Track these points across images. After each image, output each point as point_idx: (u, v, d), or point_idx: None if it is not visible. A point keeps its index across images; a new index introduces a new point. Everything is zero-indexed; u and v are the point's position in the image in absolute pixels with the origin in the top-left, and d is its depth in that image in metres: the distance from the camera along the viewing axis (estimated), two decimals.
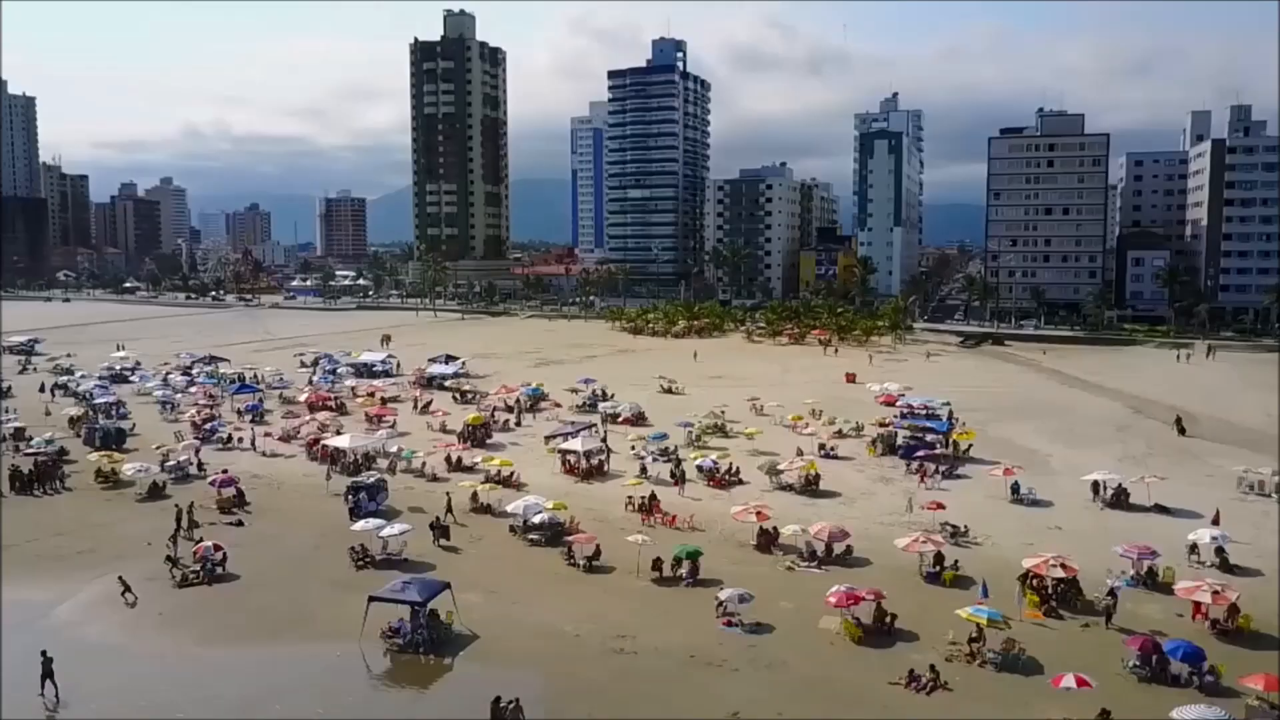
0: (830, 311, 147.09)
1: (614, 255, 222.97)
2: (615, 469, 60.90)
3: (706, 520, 50.50)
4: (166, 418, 78.56)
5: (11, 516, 52.44)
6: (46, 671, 31.76)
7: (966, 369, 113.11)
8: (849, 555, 44.91)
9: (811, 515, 51.23)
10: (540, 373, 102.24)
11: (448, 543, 46.85)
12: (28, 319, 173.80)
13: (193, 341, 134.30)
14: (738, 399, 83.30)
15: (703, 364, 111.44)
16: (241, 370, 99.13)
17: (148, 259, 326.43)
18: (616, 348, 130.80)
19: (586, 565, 43.73)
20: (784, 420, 75.13)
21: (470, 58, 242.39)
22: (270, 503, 54.89)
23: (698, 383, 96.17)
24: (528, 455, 64.97)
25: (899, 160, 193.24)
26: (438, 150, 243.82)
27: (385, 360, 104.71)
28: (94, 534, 49.36)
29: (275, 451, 66.51)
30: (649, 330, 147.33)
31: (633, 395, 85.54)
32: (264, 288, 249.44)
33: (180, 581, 41.97)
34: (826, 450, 65.32)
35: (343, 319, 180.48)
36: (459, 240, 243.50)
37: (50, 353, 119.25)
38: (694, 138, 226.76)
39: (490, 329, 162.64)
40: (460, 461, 61.42)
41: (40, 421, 76.48)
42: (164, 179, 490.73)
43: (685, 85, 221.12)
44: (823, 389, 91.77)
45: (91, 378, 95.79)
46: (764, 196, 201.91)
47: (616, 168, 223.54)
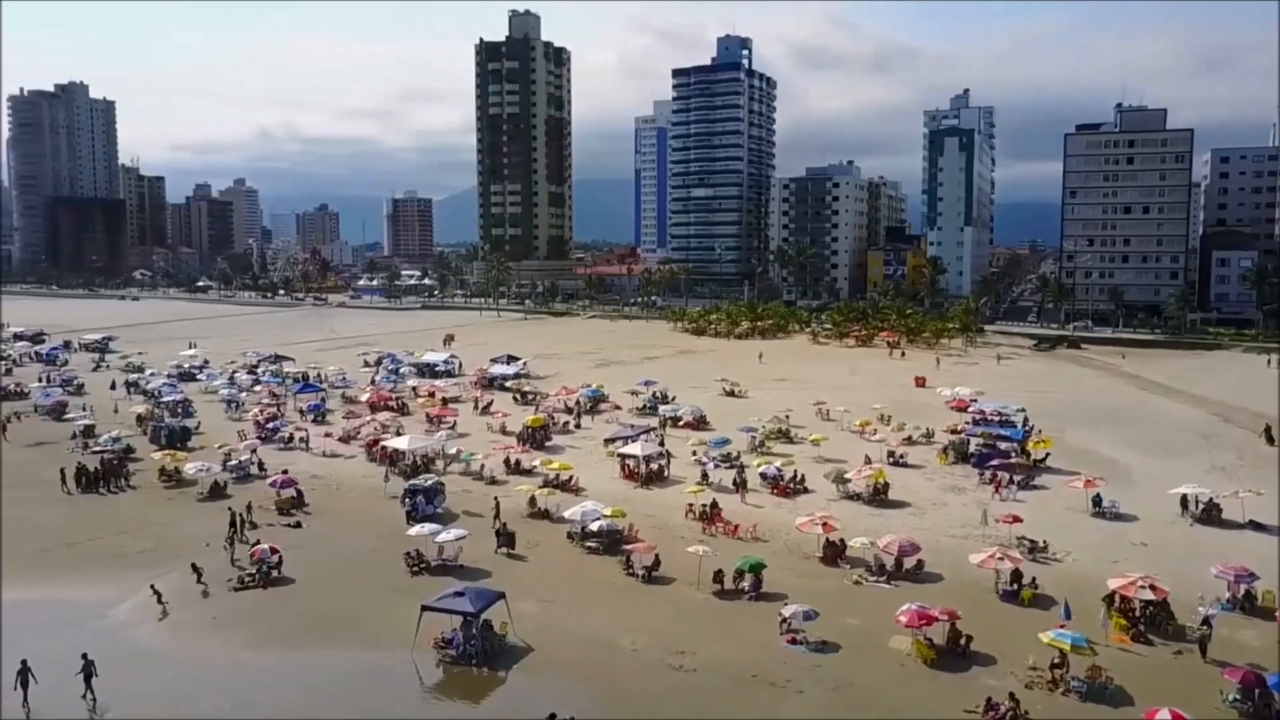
0: (899, 313, 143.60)
1: (676, 255, 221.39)
2: (675, 474, 59.48)
3: (770, 530, 48.84)
4: (231, 416, 79.29)
5: (76, 514, 53.01)
6: (87, 674, 31.47)
7: (1040, 373, 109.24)
8: (920, 570, 42.86)
9: (879, 526, 49.27)
10: (600, 374, 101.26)
11: (513, 550, 45.79)
12: (103, 317, 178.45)
13: (260, 340, 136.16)
14: (803, 403, 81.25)
15: (767, 366, 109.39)
16: (305, 369, 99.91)
17: (220, 258, 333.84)
18: (678, 349, 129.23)
19: (645, 575, 42.41)
20: (851, 426, 72.96)
21: (535, 58, 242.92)
22: (328, 504, 54.61)
23: (761, 385, 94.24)
24: (587, 459, 63.89)
25: (970, 158, 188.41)
26: (502, 150, 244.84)
27: (448, 360, 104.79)
28: (155, 533, 49.49)
29: (335, 452, 66.45)
30: (711, 331, 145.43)
31: (694, 398, 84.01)
32: (331, 287, 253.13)
33: (237, 584, 41.67)
34: (895, 458, 63.09)
35: (407, 318, 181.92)
36: (522, 240, 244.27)
37: (123, 350, 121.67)
38: (759, 136, 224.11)
39: (552, 329, 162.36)
40: (519, 464, 60.59)
41: (109, 419, 77.89)
42: (237, 180, 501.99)
43: (750, 83, 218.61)
44: (891, 393, 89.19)
45: (160, 376, 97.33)
46: (830, 195, 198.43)
47: (680, 166, 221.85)
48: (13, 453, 68.52)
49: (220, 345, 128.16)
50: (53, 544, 47.62)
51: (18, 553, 46.29)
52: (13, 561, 45.02)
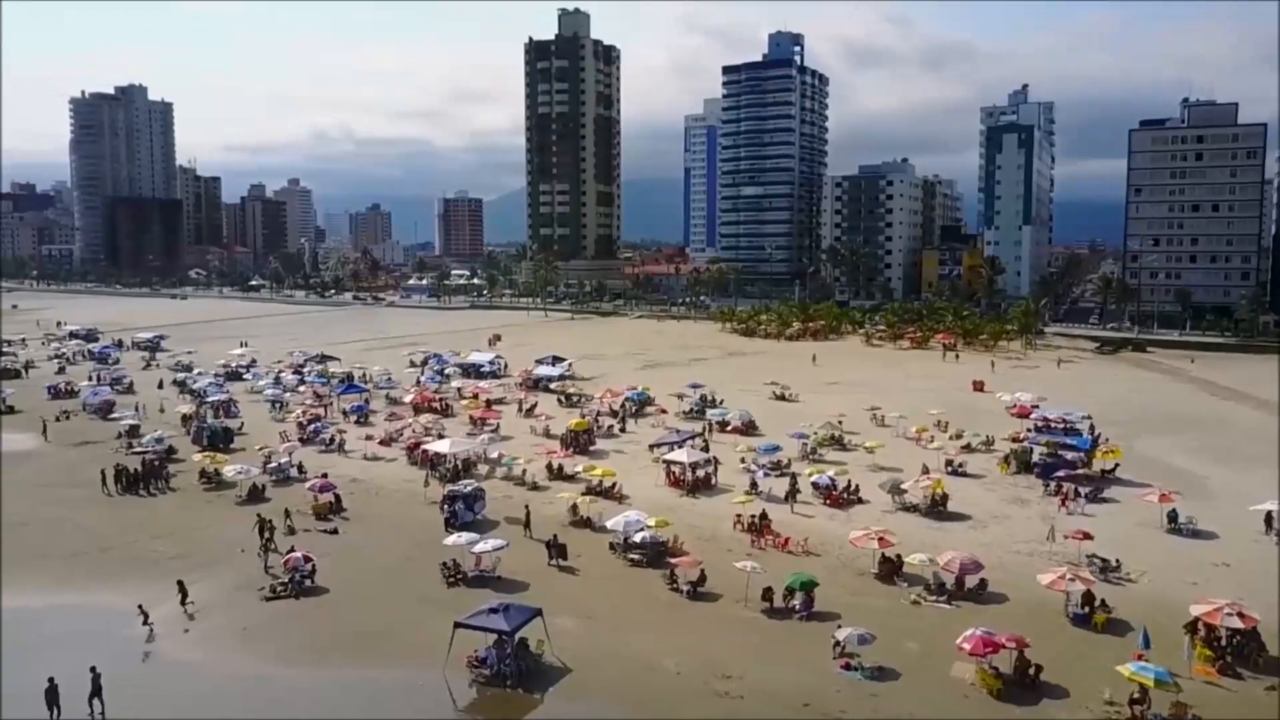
0: (955, 314, 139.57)
1: (726, 254, 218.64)
2: (723, 482, 57.32)
3: (822, 544, 46.50)
4: (275, 417, 78.67)
5: (113, 516, 52.35)
6: (95, 688, 30.42)
7: (1104, 377, 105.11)
8: (982, 590, 40.24)
9: (939, 540, 46.69)
10: (647, 375, 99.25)
11: (564, 562, 43.91)
12: (158, 316, 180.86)
13: (308, 339, 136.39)
14: (856, 408, 78.57)
15: (818, 369, 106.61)
16: (351, 369, 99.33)
17: (272, 257, 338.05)
18: (727, 350, 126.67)
19: (690, 591, 40.36)
20: (907, 432, 70.20)
21: (584, 56, 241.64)
22: (367, 509, 53.38)
23: (813, 389, 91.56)
24: (631, 464, 61.96)
25: (1029, 155, 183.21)
26: (551, 150, 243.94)
27: (493, 361, 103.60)
28: (190, 538, 48.54)
29: (376, 455, 65.30)
30: (761, 332, 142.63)
31: (743, 401, 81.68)
32: (381, 286, 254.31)
33: (269, 594, 40.42)
34: (954, 467, 60.27)
35: (455, 318, 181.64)
36: (571, 240, 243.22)
37: (174, 350, 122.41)
38: (811, 133, 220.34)
39: (599, 329, 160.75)
40: (561, 469, 58.87)
41: (155, 418, 77.81)
42: (291, 180, 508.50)
43: (802, 79, 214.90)
44: (948, 398, 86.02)
45: (208, 375, 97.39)
46: (884, 193, 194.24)
47: (730, 165, 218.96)
48: (59, 452, 68.58)
49: (269, 344, 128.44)
50: (88, 547, 46.89)
51: (52, 556, 45.70)
52: (46, 565, 44.44)
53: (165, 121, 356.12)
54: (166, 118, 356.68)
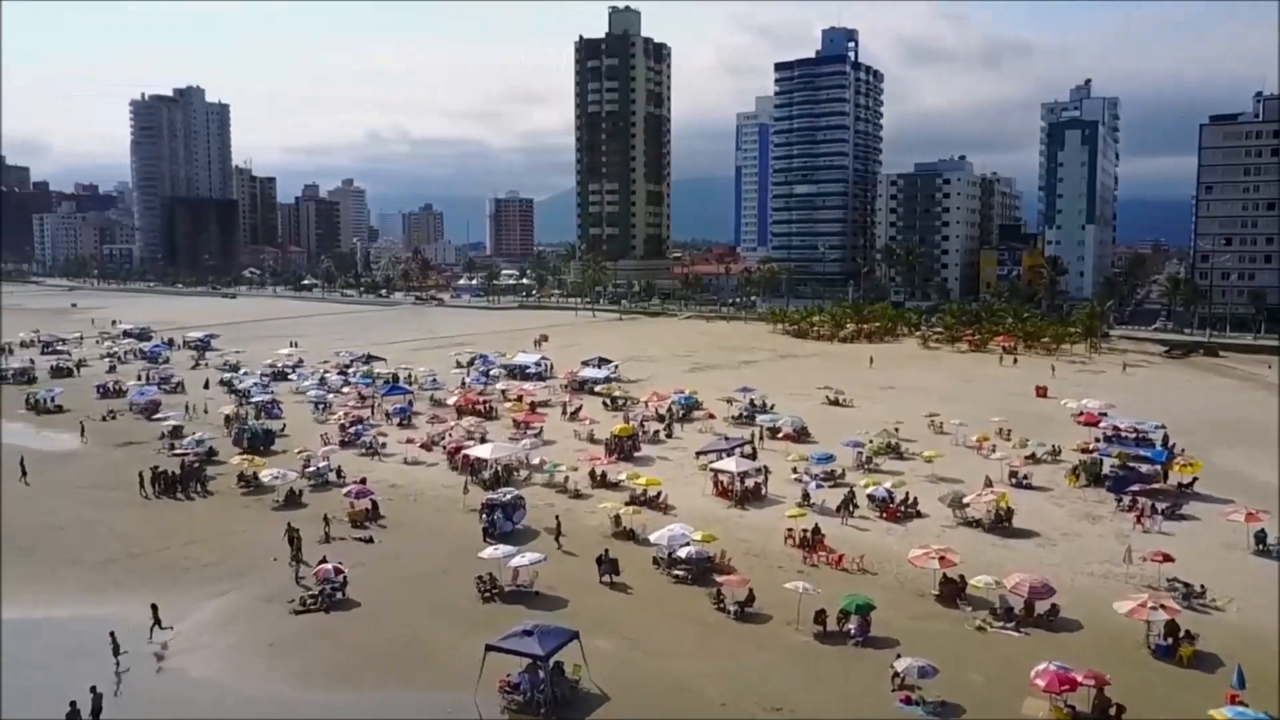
0: (1015, 316, 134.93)
1: (778, 254, 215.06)
2: (773, 493, 54.78)
3: (878, 561, 43.81)
4: (318, 418, 77.67)
5: (148, 520, 51.38)
6: (95, 709, 29.20)
7: (1174, 383, 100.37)
8: (1054, 616, 37.32)
9: (1004, 559, 43.81)
10: (695, 378, 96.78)
11: (616, 578, 41.61)
12: (211, 315, 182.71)
13: (356, 339, 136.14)
14: (913, 414, 75.38)
15: (872, 373, 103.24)
16: (396, 370, 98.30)
17: (324, 257, 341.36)
18: (778, 352, 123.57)
19: (738, 612, 37.99)
20: (967, 441, 66.98)
21: (634, 54, 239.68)
22: (405, 516, 51.80)
23: (867, 394, 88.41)
24: (677, 472, 59.68)
25: (1093, 151, 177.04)
26: (601, 149, 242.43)
27: (539, 362, 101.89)
28: (224, 544, 47.30)
29: (417, 459, 63.78)
30: (813, 334, 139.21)
31: (794, 407, 78.95)
32: (432, 286, 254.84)
33: (299, 606, 38.86)
34: (1018, 478, 57.05)
35: (503, 318, 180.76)
36: (620, 239, 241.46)
37: (223, 349, 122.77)
38: (865, 130, 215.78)
39: (646, 330, 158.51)
40: (605, 477, 56.79)
41: (199, 419, 77.28)
42: (345, 180, 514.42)
43: (856, 76, 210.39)
44: (1009, 403, 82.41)
45: (253, 375, 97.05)
46: (941, 192, 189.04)
47: (782, 163, 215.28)
48: (103, 452, 68.13)
49: (318, 344, 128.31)
50: (120, 553, 45.84)
51: (83, 562, 44.73)
52: (76, 572, 43.50)
53: (222, 122, 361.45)
54: (223, 119, 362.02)
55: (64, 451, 68.41)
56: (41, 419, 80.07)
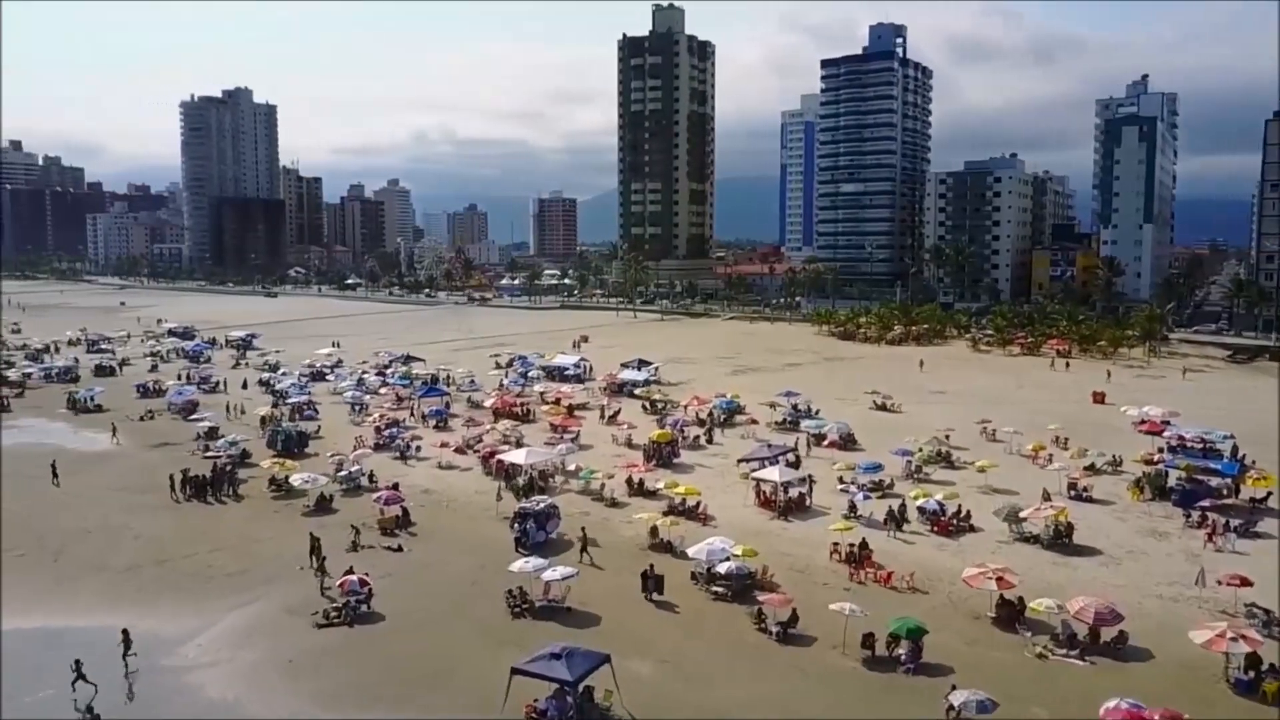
0: (1070, 318, 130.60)
1: (823, 254, 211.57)
2: (818, 504, 52.43)
3: (929, 579, 41.38)
4: (354, 419, 76.64)
5: (176, 525, 50.38)
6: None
7: (1239, 390, 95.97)
8: (1122, 643, 34.71)
9: (1065, 579, 41.20)
10: (737, 381, 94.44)
11: (661, 597, 39.45)
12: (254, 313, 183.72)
13: (398, 338, 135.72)
14: (964, 420, 72.54)
15: (922, 377, 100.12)
16: (434, 371, 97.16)
17: (369, 256, 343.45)
18: (823, 355, 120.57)
19: (780, 633, 35.86)
20: (1021, 449, 64.05)
21: (678, 52, 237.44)
22: (436, 524, 50.28)
23: (916, 398, 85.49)
24: (718, 480, 57.57)
25: (1151, 149, 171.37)
26: (644, 148, 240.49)
27: (578, 364, 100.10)
28: (251, 551, 46.10)
29: (451, 463, 62.34)
30: (860, 336, 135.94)
31: (840, 412, 76.45)
32: (474, 285, 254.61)
33: (322, 619, 37.40)
34: (1077, 491, 54.18)
35: (544, 318, 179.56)
36: (662, 239, 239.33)
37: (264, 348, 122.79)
38: (913, 128, 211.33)
39: (688, 331, 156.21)
40: (642, 485, 54.82)
41: (235, 420, 76.60)
42: (390, 180, 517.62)
43: (904, 72, 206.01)
44: (1065, 410, 79.04)
45: (292, 375, 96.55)
46: (991, 190, 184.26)
47: (828, 161, 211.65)
48: (137, 453, 67.59)
49: (359, 343, 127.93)
50: (144, 560, 44.81)
51: (108, 569, 43.75)
52: (100, 579, 42.50)
53: (269, 123, 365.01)
54: (270, 119, 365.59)
55: (99, 452, 67.93)
56: (80, 418, 79.98)
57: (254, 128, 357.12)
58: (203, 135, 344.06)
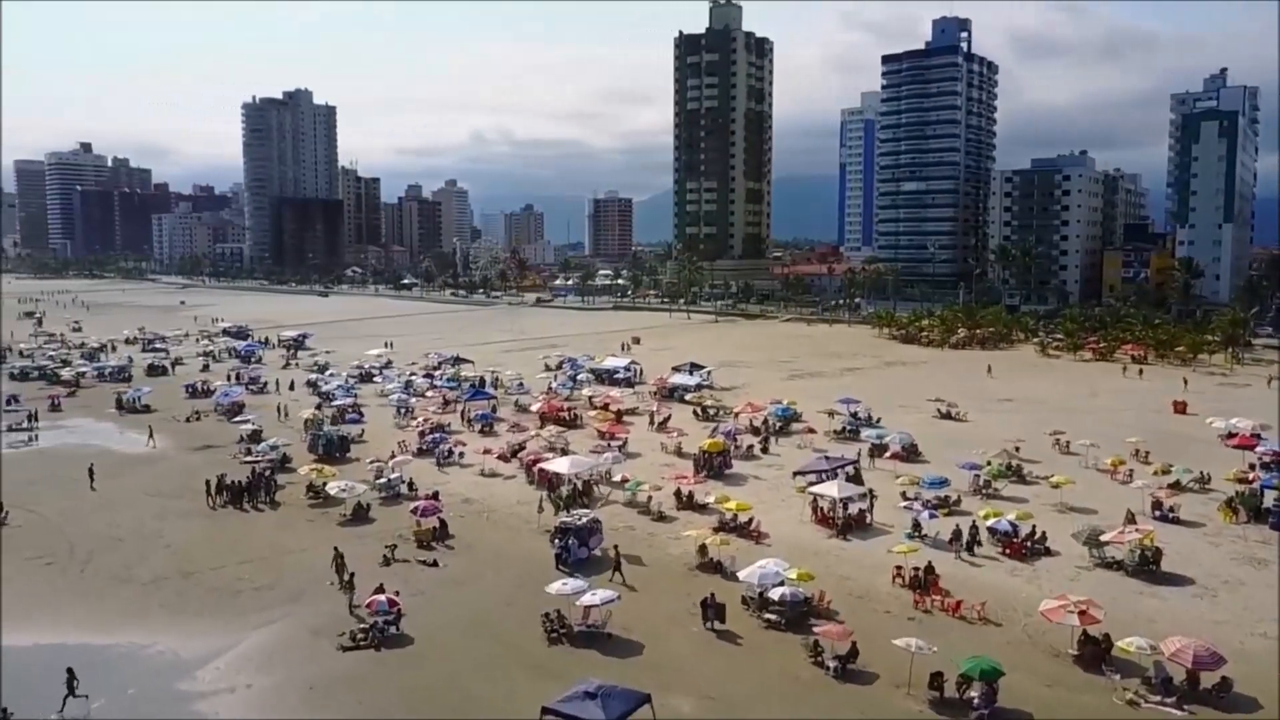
0: (1145, 322, 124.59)
1: (883, 254, 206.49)
2: (880, 521, 49.06)
3: (1003, 609, 37.92)
4: (398, 423, 74.89)
5: (208, 533, 48.75)
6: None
7: None
8: (1225, 690, 31.02)
9: (1153, 612, 37.49)
10: (793, 387, 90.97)
11: (723, 626, 36.38)
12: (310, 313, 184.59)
13: (451, 338, 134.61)
14: (1035, 431, 68.40)
15: (989, 383, 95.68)
16: (482, 374, 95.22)
17: (425, 256, 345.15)
18: (883, 359, 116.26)
19: (838, 669, 32.76)
20: (1098, 463, 59.89)
21: (735, 49, 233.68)
22: (475, 536, 47.96)
23: (983, 406, 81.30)
24: (772, 494, 54.47)
25: (1232, 144, 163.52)
26: (700, 146, 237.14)
27: (628, 367, 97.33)
28: (282, 564, 44.17)
29: (494, 471, 60.06)
30: (922, 339, 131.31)
31: (902, 420, 72.85)
32: (528, 286, 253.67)
33: (348, 641, 35.21)
34: (1162, 510, 50.04)
35: (596, 319, 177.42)
36: (718, 239, 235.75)
37: (316, 348, 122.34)
38: (977, 125, 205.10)
39: (743, 333, 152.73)
40: (691, 498, 51.92)
41: (280, 422, 75.29)
42: (448, 181, 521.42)
43: (969, 68, 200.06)
44: (1143, 421, 74.38)
45: (339, 376, 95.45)
46: (1060, 189, 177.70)
47: (889, 159, 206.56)
48: (180, 455, 66.54)
49: (411, 344, 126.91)
50: (171, 571, 43.11)
51: (133, 581, 42.12)
52: (123, 593, 40.87)
53: (329, 124, 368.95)
54: (330, 120, 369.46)
55: (141, 455, 66.96)
56: (127, 419, 79.43)
57: (314, 128, 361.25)
58: (263, 136, 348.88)
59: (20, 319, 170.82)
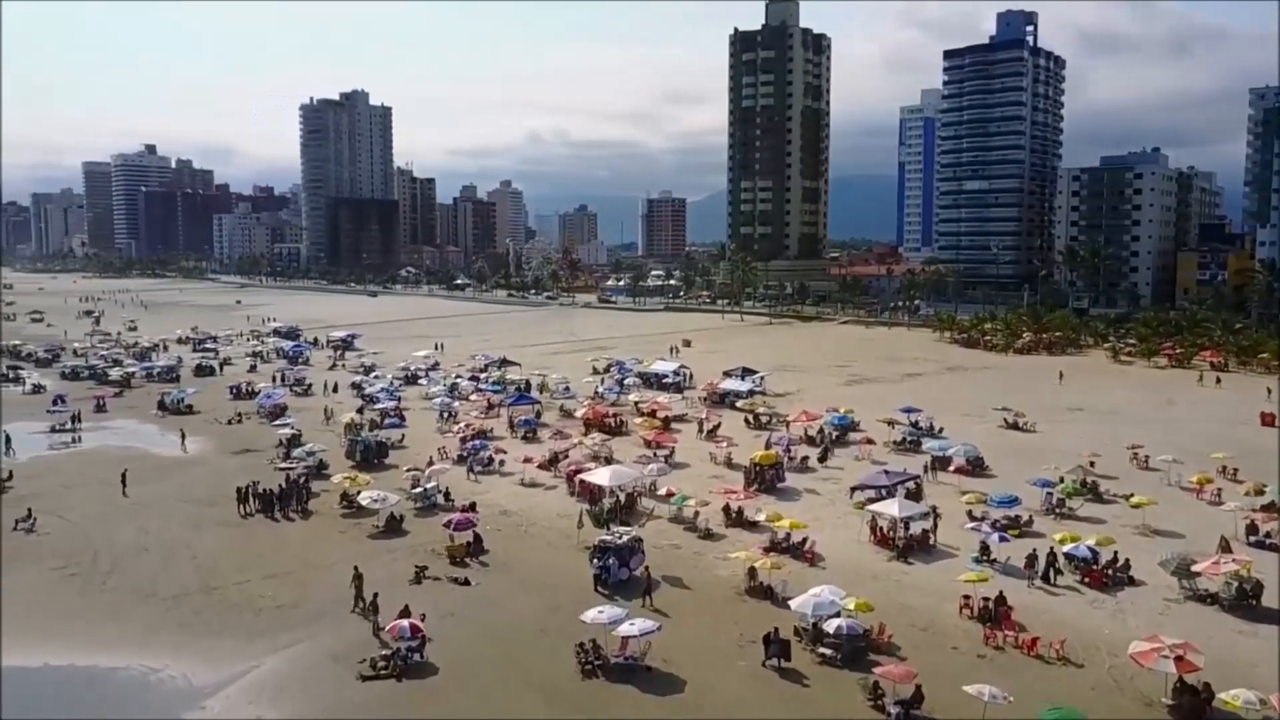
0: (1225, 327, 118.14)
1: (944, 255, 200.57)
2: (944, 543, 45.50)
3: (1084, 646, 34.33)
4: (440, 428, 72.84)
5: (236, 545, 46.79)
6: None
7: None
8: None
9: (1255, 655, 33.74)
10: (851, 394, 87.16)
11: (788, 664, 33.04)
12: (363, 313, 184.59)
13: (499, 340, 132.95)
14: (1110, 443, 63.96)
15: (1057, 391, 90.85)
16: (528, 377, 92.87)
17: (478, 257, 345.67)
18: (945, 364, 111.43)
19: (901, 715, 29.51)
20: (1181, 481, 55.48)
21: (792, 45, 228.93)
22: (511, 552, 45.43)
23: (1052, 416, 76.73)
24: (827, 509, 51.17)
25: None
26: (755, 145, 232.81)
27: (677, 371, 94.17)
28: (307, 580, 42.03)
29: (535, 480, 57.54)
30: (985, 343, 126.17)
31: (966, 430, 68.92)
32: (580, 286, 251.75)
33: (369, 670, 32.86)
34: (1257, 536, 45.78)
35: (647, 320, 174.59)
36: (773, 239, 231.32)
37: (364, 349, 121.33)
38: (1043, 122, 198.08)
39: (798, 336, 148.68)
40: (741, 514, 48.82)
41: (321, 426, 73.66)
42: (503, 181, 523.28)
43: (1035, 62, 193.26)
44: (1229, 434, 69.29)
45: (384, 378, 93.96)
46: (1131, 187, 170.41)
47: (950, 157, 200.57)
48: (219, 459, 65.17)
49: (461, 345, 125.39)
50: (195, 585, 41.23)
51: (155, 595, 40.28)
52: (144, 609, 38.95)
53: (385, 125, 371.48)
54: (385, 121, 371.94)
55: (179, 459, 65.69)
56: (169, 421, 78.43)
57: (369, 129, 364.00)
58: (320, 137, 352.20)
59: (79, 318, 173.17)
